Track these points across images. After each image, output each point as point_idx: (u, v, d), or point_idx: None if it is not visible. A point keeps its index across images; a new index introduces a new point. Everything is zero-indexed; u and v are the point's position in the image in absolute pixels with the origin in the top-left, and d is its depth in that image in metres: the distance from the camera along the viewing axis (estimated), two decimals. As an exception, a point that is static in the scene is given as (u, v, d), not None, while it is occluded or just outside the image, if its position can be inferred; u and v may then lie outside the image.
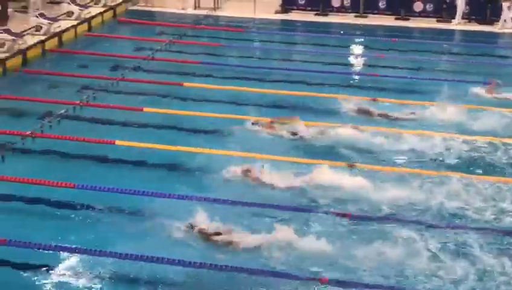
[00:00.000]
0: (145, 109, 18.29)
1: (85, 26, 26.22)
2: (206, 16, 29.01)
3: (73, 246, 11.97)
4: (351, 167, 15.12)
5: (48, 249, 11.87)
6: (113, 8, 28.61)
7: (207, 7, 29.76)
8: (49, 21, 24.24)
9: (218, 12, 29.64)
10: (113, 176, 14.73)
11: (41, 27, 23.94)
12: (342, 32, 27.02)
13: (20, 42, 22.18)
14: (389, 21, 28.91)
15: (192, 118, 17.88)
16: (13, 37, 22.03)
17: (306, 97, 19.62)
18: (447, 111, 18.26)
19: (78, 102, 18.28)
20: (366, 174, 14.75)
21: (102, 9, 27.86)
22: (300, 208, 13.56)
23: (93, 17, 26.84)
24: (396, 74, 21.94)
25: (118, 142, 16.19)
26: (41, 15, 24.39)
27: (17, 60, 21.84)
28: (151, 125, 17.42)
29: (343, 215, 13.20)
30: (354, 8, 29.58)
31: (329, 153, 15.97)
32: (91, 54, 23.35)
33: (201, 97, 19.48)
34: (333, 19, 29.19)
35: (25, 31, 23.56)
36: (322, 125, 17.26)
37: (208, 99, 19.33)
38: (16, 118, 17.81)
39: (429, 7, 29.15)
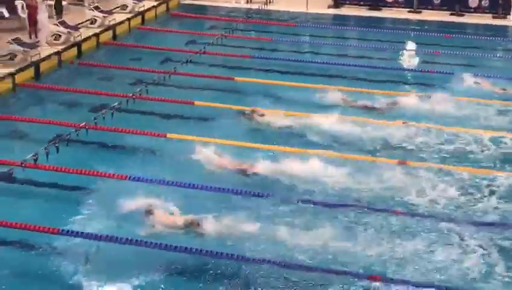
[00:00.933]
0: (195, 103, 18.40)
1: (138, 19, 26.51)
2: (258, 10, 29.01)
3: (127, 237, 12.10)
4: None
5: (100, 239, 12.08)
6: (166, 1, 28.84)
7: (259, 1, 29.77)
8: (103, 14, 24.59)
9: (270, 7, 29.62)
10: (165, 168, 14.84)
11: (96, 20, 24.31)
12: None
13: (75, 35, 22.54)
14: (443, 17, 28.48)
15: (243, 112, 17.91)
16: (68, 30, 22.41)
17: (357, 93, 19.46)
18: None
19: (131, 95, 18.48)
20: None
21: (155, 3, 28.11)
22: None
23: (146, 10, 27.11)
24: (449, 70, 21.61)
25: (169, 135, 16.35)
26: (96, 8, 24.74)
27: (72, 52, 22.21)
28: (201, 119, 17.52)
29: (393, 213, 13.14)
30: (408, 3, 29.24)
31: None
32: (144, 47, 23.61)
33: (252, 91, 19.50)
34: (386, 13, 28.90)
35: (80, 23, 23.95)
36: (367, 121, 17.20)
37: (259, 94, 19.34)
38: (71, 110, 18.12)
39: (485, 3, 28.61)
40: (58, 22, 22.69)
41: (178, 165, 14.95)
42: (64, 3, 24.24)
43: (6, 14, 22.66)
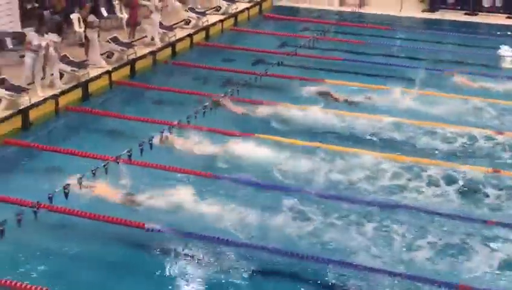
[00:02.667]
0: (287, 105, 18.46)
1: (231, 21, 26.83)
2: (351, 13, 28.84)
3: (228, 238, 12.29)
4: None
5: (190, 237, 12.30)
6: (259, 3, 29.08)
7: (352, 4, 29.59)
8: (198, 15, 25.01)
9: (364, 9, 29.41)
10: (252, 166, 14.99)
11: (190, 21, 24.76)
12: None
13: (170, 35, 23.02)
14: (544, 23, 27.56)
15: (333, 117, 17.88)
16: (164, 30, 22.90)
17: (448, 99, 19.08)
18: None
19: (222, 95, 18.70)
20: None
21: (248, 5, 28.38)
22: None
23: (239, 12, 27.41)
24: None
25: (257, 135, 16.47)
26: (191, 9, 25.19)
27: (167, 52, 22.71)
28: (291, 121, 17.58)
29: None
30: (506, 9, 28.40)
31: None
32: (236, 48, 23.87)
33: (343, 95, 19.42)
34: (483, 19, 28.17)
35: (175, 24, 24.45)
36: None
37: (349, 99, 19.24)
38: (163, 108, 18.49)
39: None
40: (154, 23, 23.21)
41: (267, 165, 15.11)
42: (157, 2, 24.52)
43: (105, 14, 23.36)
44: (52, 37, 18.02)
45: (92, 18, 20.05)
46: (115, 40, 21.03)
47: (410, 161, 15.27)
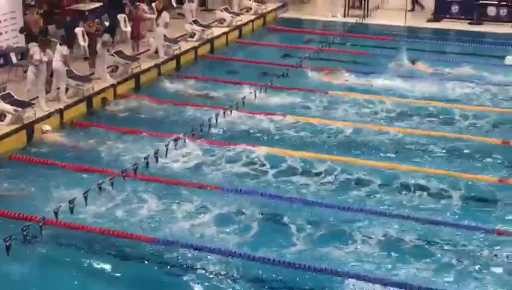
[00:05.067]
0: (287, 116, 18.46)
1: (236, 33, 26.85)
2: (356, 24, 28.80)
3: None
4: None
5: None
6: (263, 15, 29.13)
7: (356, 15, 29.59)
8: (202, 28, 25.02)
9: (368, 20, 29.39)
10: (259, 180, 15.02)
11: (194, 33, 24.76)
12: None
13: (174, 48, 23.03)
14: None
15: (333, 127, 17.87)
16: (168, 43, 22.89)
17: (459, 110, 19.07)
18: None
19: (227, 108, 18.63)
20: None
21: (252, 17, 28.43)
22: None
23: (244, 24, 27.43)
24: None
25: (258, 147, 16.39)
26: (195, 22, 25.20)
27: (171, 65, 22.70)
28: (289, 133, 17.58)
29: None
30: (511, 18, 28.37)
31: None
32: (241, 60, 23.87)
33: (345, 106, 19.37)
34: (488, 28, 28.11)
35: (180, 37, 24.44)
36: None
37: (354, 106, 19.22)
38: (165, 123, 18.29)
39: None
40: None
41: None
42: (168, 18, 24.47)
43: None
44: (62, 49, 18.01)
45: (106, 38, 20.02)
46: (119, 53, 21.04)
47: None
